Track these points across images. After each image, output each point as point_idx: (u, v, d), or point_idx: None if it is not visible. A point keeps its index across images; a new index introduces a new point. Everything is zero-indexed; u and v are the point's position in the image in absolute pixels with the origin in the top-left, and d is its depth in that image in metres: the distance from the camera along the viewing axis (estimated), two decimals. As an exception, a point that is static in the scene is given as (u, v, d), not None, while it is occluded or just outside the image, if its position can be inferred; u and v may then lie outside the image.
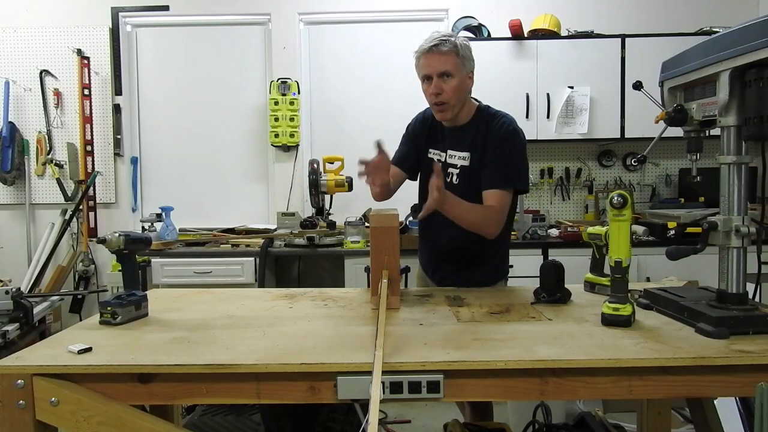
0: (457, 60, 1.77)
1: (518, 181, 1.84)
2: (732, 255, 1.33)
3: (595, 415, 1.95)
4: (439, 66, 1.76)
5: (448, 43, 1.76)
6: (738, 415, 2.03)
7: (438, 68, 1.76)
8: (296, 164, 3.97)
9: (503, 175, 1.80)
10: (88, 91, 3.90)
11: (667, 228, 3.25)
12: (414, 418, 2.97)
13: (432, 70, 1.77)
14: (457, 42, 1.77)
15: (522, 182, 1.86)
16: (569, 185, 3.99)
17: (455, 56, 1.76)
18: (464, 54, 1.79)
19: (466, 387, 1.14)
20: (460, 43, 1.78)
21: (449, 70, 1.76)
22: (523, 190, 1.91)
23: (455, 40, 1.78)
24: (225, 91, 4.07)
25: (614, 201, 1.32)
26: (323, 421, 2.15)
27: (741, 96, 1.28)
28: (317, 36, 4.04)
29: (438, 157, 1.94)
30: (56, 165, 3.94)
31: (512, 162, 1.81)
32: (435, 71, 1.77)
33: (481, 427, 1.80)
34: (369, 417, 0.95)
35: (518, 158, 1.83)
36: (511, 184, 1.82)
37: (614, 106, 3.54)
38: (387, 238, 1.61)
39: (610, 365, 1.13)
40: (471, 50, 1.82)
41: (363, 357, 1.14)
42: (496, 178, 1.79)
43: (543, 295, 1.61)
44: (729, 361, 1.12)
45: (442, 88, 1.78)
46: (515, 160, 1.82)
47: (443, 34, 1.79)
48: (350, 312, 1.56)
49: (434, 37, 1.77)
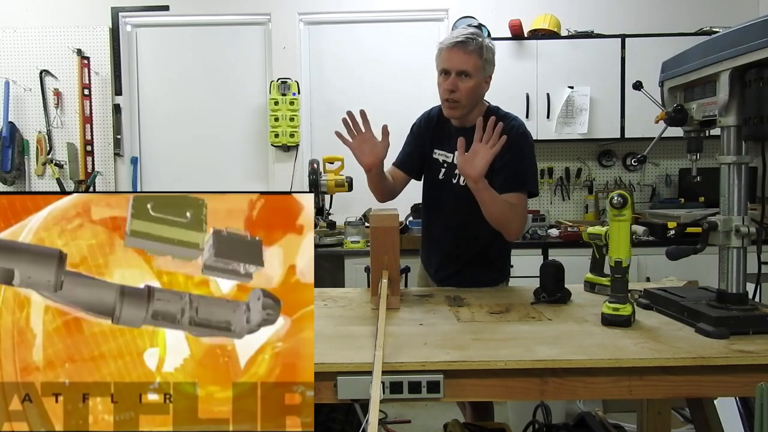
0: (479, 62, 1.74)
1: (531, 184, 1.83)
2: (732, 255, 1.33)
3: (595, 415, 1.95)
4: (460, 64, 1.73)
5: (474, 42, 1.72)
6: (738, 415, 2.03)
7: (458, 66, 1.73)
8: (296, 164, 3.97)
9: (517, 179, 1.78)
10: (88, 91, 3.90)
11: (667, 228, 3.25)
12: (414, 418, 2.97)
13: (452, 66, 1.74)
14: (483, 44, 1.74)
15: (534, 185, 1.85)
16: (569, 185, 3.99)
17: (478, 57, 1.73)
18: (487, 57, 1.76)
19: (466, 387, 1.14)
20: (486, 45, 1.75)
21: (469, 70, 1.73)
22: (534, 194, 1.88)
23: (482, 41, 1.74)
24: (225, 91, 4.07)
25: (614, 201, 1.32)
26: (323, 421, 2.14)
27: (741, 96, 1.28)
28: (317, 36, 4.04)
29: (445, 158, 1.92)
30: (56, 165, 3.94)
31: (524, 165, 1.80)
32: (455, 68, 1.74)
33: (481, 427, 1.80)
34: (369, 417, 0.95)
35: (529, 161, 1.82)
36: (525, 187, 1.80)
37: (614, 106, 3.54)
38: (387, 238, 1.61)
39: (610, 365, 1.13)
40: (494, 54, 1.79)
41: (363, 357, 1.14)
42: (511, 182, 1.77)
43: (543, 295, 1.61)
44: (729, 361, 1.13)
45: (457, 86, 1.75)
46: (527, 163, 1.81)
47: (471, 31, 1.76)
48: (350, 312, 1.56)
49: (462, 33, 1.74)
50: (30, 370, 0.97)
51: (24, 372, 0.97)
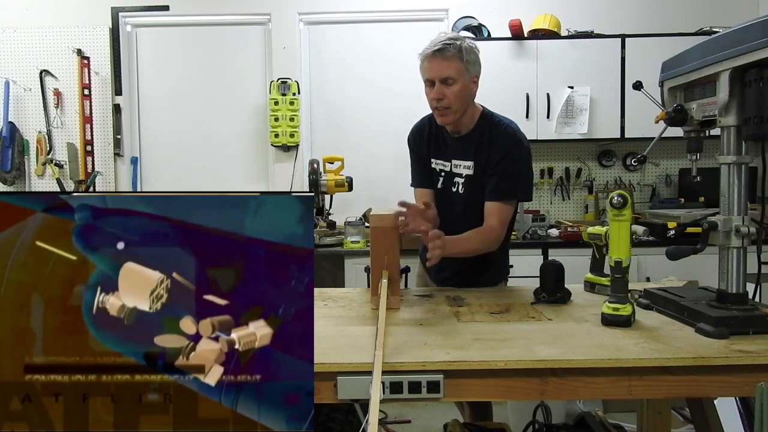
0: (461, 65, 1.72)
1: (522, 192, 1.84)
2: (732, 255, 1.33)
3: (595, 415, 1.95)
4: (442, 71, 1.72)
5: (452, 47, 1.70)
6: (738, 415, 2.03)
7: (440, 74, 1.72)
8: (296, 164, 3.97)
9: (507, 188, 1.79)
10: (88, 91, 3.90)
11: (667, 228, 3.25)
12: (414, 418, 2.97)
13: (434, 75, 1.73)
14: (462, 46, 1.72)
15: (526, 193, 1.86)
16: (569, 185, 3.99)
17: (459, 61, 1.72)
18: (469, 58, 1.74)
19: (466, 387, 1.14)
20: (466, 47, 1.73)
21: (452, 76, 1.72)
22: (527, 200, 1.90)
23: (460, 43, 1.72)
24: (225, 91, 4.06)
25: (614, 201, 1.32)
26: (323, 421, 2.14)
27: (741, 96, 1.28)
28: (317, 36, 4.04)
29: (442, 167, 1.92)
30: (56, 165, 3.93)
31: (517, 174, 1.80)
32: (437, 76, 1.73)
33: (481, 427, 1.80)
34: (369, 417, 0.95)
35: (523, 169, 1.82)
36: (514, 195, 1.82)
37: (614, 106, 3.54)
38: (387, 238, 1.61)
39: (610, 365, 1.13)
40: (477, 53, 1.77)
41: (363, 357, 1.14)
42: (500, 190, 1.78)
43: (543, 295, 1.61)
44: (729, 361, 1.12)
45: (444, 93, 1.74)
46: (519, 172, 1.81)
47: (449, 36, 1.74)
48: (350, 312, 1.56)
49: (439, 40, 1.72)
50: (30, 370, 0.97)
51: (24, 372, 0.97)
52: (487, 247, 1.79)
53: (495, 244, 1.81)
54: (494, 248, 1.82)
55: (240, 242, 0.99)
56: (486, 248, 1.80)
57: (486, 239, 1.78)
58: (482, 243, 1.78)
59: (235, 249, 0.99)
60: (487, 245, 1.79)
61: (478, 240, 1.77)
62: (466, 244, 1.75)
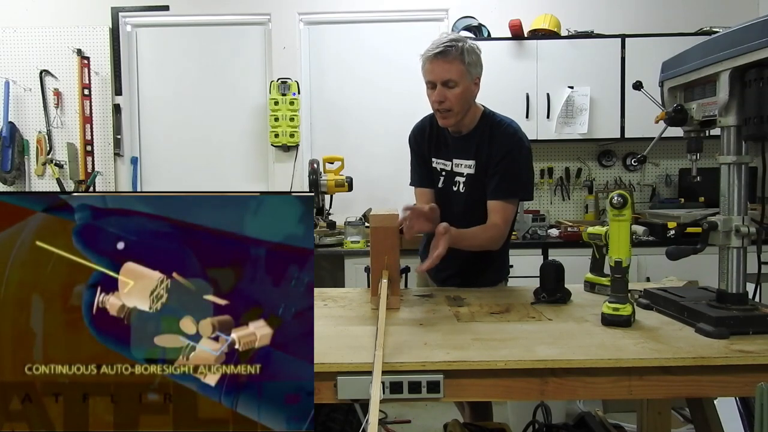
0: (463, 67, 1.72)
1: (523, 191, 1.85)
2: (732, 255, 1.33)
3: (595, 415, 1.95)
4: (443, 74, 1.71)
5: (454, 49, 1.70)
6: (738, 415, 2.03)
7: (442, 76, 1.72)
8: (296, 164, 3.97)
9: (509, 187, 1.79)
10: (88, 91, 3.90)
11: (667, 228, 3.25)
12: (414, 418, 2.97)
13: (436, 78, 1.73)
14: (464, 48, 1.71)
15: (527, 193, 1.86)
16: (569, 185, 3.99)
17: (460, 63, 1.71)
18: (470, 60, 1.73)
19: (466, 387, 1.14)
20: (467, 48, 1.72)
21: (453, 78, 1.72)
22: (528, 199, 1.90)
23: (462, 45, 1.71)
24: (225, 91, 4.06)
25: (614, 201, 1.32)
26: (323, 421, 2.14)
27: (741, 96, 1.28)
28: (317, 36, 4.04)
29: (443, 166, 1.93)
30: (56, 165, 3.94)
31: (518, 173, 1.80)
32: (439, 79, 1.72)
33: (481, 427, 1.80)
34: (369, 417, 0.95)
35: (524, 169, 1.83)
36: (516, 195, 1.83)
37: (614, 106, 3.54)
38: (387, 238, 1.61)
39: (610, 365, 1.13)
40: (479, 54, 1.77)
41: (363, 357, 1.14)
42: (502, 189, 1.79)
43: (543, 295, 1.61)
44: (729, 361, 1.12)
45: (445, 96, 1.74)
46: (520, 171, 1.81)
47: (451, 38, 1.73)
48: (350, 312, 1.56)
49: (441, 42, 1.71)
50: (30, 370, 0.97)
51: (24, 372, 0.97)
52: (491, 243, 1.80)
53: (500, 241, 1.82)
54: (498, 246, 1.83)
55: (240, 242, 0.99)
56: (491, 245, 1.81)
57: (491, 236, 1.80)
58: (488, 240, 1.79)
59: (235, 249, 0.99)
60: (492, 242, 1.80)
61: (484, 237, 1.78)
62: (473, 239, 1.76)
